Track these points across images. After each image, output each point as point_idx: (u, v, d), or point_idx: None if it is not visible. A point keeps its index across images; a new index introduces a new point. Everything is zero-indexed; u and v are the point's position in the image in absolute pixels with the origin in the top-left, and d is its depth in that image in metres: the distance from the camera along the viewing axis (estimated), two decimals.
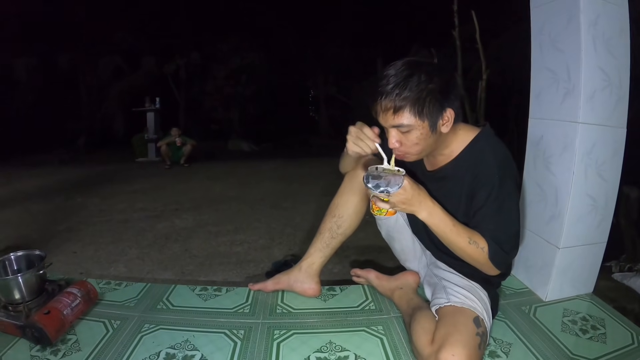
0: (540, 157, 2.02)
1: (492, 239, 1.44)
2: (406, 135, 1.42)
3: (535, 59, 2.06)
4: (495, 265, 1.45)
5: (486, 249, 1.43)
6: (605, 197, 1.92)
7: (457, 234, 1.44)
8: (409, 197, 1.37)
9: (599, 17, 1.74)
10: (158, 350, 1.57)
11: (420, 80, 1.35)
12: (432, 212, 1.43)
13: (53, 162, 8.55)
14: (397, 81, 1.36)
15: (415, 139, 1.42)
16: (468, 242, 1.44)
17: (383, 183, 1.35)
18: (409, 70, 1.36)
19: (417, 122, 1.38)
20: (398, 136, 1.43)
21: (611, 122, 1.84)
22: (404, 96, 1.35)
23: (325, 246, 1.92)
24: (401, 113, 1.37)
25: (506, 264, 1.50)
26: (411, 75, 1.35)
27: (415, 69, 1.36)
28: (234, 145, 11.89)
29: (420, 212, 1.42)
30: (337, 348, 1.60)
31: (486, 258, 1.44)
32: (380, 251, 2.84)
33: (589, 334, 1.72)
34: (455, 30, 4.17)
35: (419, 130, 1.40)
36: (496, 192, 1.45)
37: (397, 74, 1.37)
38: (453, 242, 1.46)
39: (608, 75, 1.79)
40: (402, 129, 1.41)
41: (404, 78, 1.35)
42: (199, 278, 2.68)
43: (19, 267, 1.84)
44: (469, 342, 1.34)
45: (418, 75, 1.35)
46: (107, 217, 4.07)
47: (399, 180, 1.35)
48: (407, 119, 1.38)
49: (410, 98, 1.35)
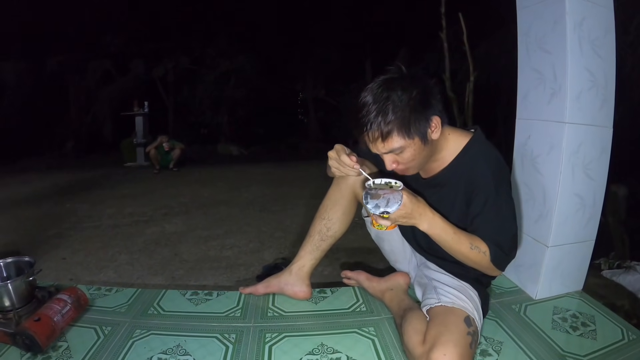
0: (527, 157, 2.03)
1: (493, 243, 1.45)
2: (401, 155, 1.43)
3: (522, 60, 2.08)
4: (497, 267, 1.48)
5: (488, 253, 1.45)
6: (593, 196, 1.94)
7: (458, 241, 1.45)
8: (409, 212, 1.37)
9: (585, 18, 1.76)
10: (150, 356, 1.56)
11: (400, 98, 1.35)
12: (432, 222, 1.43)
13: (41, 168, 8.47)
14: (377, 108, 1.35)
15: (410, 156, 1.43)
16: (470, 247, 1.45)
17: (382, 203, 1.34)
18: (385, 93, 1.36)
19: (408, 141, 1.39)
20: (393, 158, 1.45)
21: (597, 122, 1.86)
22: (389, 121, 1.35)
23: (315, 249, 1.92)
24: (390, 138, 1.37)
25: (507, 264, 1.52)
26: (389, 98, 1.35)
27: (391, 90, 1.36)
28: (223, 149, 11.85)
29: (422, 224, 1.42)
30: (329, 350, 1.60)
31: (489, 261, 1.45)
32: (370, 253, 2.85)
33: (579, 330, 1.74)
34: (443, 32, 4.19)
35: (412, 148, 1.41)
36: (493, 198, 1.46)
37: (375, 99, 1.37)
38: (455, 250, 1.47)
39: (594, 75, 1.81)
40: (395, 152, 1.42)
41: (383, 102, 1.35)
42: (190, 282, 2.68)
43: (8, 274, 1.83)
44: (461, 342, 1.35)
45: (395, 94, 1.35)
46: (96, 223, 4.05)
47: (397, 197, 1.34)
48: (397, 142, 1.38)
49: (395, 121, 1.35)
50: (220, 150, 11.85)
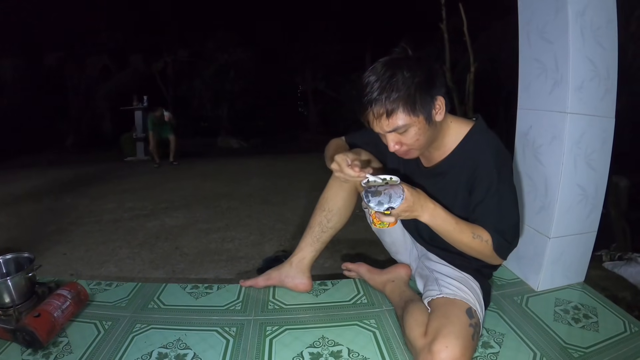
0: (529, 148, 2.02)
1: (495, 231, 1.44)
2: (404, 135, 1.41)
3: (523, 50, 2.06)
4: (500, 255, 1.47)
5: (490, 242, 1.44)
6: (594, 187, 1.93)
7: (460, 231, 1.44)
8: (411, 205, 1.36)
9: (587, 7, 1.74)
10: (150, 350, 1.55)
11: (405, 77, 1.34)
12: (434, 213, 1.42)
13: (41, 163, 8.48)
14: (382, 85, 1.34)
15: (414, 135, 1.42)
16: (472, 237, 1.44)
17: (385, 199, 1.33)
18: (390, 71, 1.35)
19: (413, 119, 1.37)
20: (397, 139, 1.43)
21: (599, 112, 1.84)
22: (394, 98, 1.33)
23: (316, 240, 1.91)
24: (395, 115, 1.36)
25: (509, 253, 1.51)
26: (394, 75, 1.34)
27: (396, 68, 1.35)
28: (223, 142, 11.87)
29: (423, 215, 1.41)
30: (330, 343, 1.60)
31: (491, 250, 1.45)
32: (371, 245, 2.85)
33: (581, 322, 1.73)
34: (443, 23, 4.17)
35: (416, 126, 1.39)
36: (495, 186, 1.45)
37: (380, 77, 1.35)
38: (457, 240, 1.46)
39: (596, 65, 1.79)
40: (399, 131, 1.40)
41: (388, 80, 1.34)
42: (190, 276, 2.67)
43: (8, 270, 1.81)
44: (462, 333, 1.34)
45: (400, 72, 1.34)
46: (96, 218, 4.05)
47: (398, 191, 1.33)
48: (402, 120, 1.37)
49: (400, 98, 1.34)
50: (220, 144, 11.87)
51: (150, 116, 7.89)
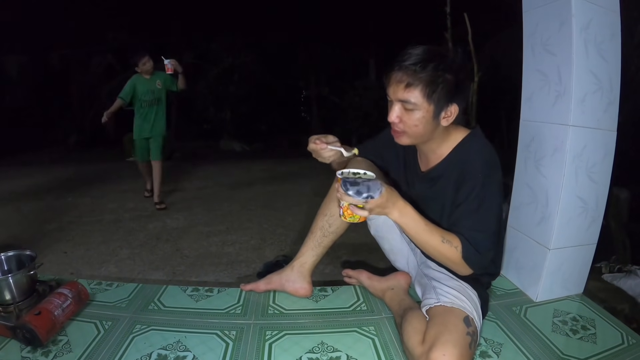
0: (531, 159, 2.03)
1: (468, 238, 1.45)
2: (409, 113, 1.44)
3: (527, 61, 2.07)
4: (469, 265, 1.47)
5: (460, 248, 1.45)
6: (595, 199, 1.94)
7: (429, 232, 1.46)
8: (385, 201, 1.40)
9: (591, 21, 1.76)
10: (150, 352, 1.56)
11: (439, 67, 1.38)
12: (403, 212, 1.45)
13: (44, 161, 8.48)
14: (417, 59, 1.39)
15: (416, 120, 1.44)
16: (441, 240, 1.45)
17: (364, 189, 1.36)
18: (431, 55, 1.40)
19: (424, 103, 1.41)
20: (400, 112, 1.46)
21: (602, 125, 1.85)
22: (420, 75, 1.38)
23: (317, 245, 1.92)
24: (412, 89, 1.40)
25: (481, 266, 1.50)
26: (432, 60, 1.39)
27: (440, 57, 1.40)
28: (226, 145, 11.86)
29: (392, 212, 1.44)
30: (329, 349, 1.61)
31: (460, 257, 1.45)
32: (371, 252, 2.85)
33: (579, 334, 1.74)
34: (448, 32, 4.19)
35: (422, 112, 1.43)
36: (478, 190, 1.47)
37: (420, 53, 1.40)
38: (425, 241, 1.48)
39: (599, 78, 1.81)
40: (407, 106, 1.43)
41: (424, 58, 1.39)
42: (191, 278, 2.68)
43: (9, 268, 1.83)
44: (460, 342, 1.35)
45: (441, 62, 1.39)
46: (97, 217, 4.06)
47: (377, 185, 1.37)
48: (415, 97, 1.40)
49: (424, 78, 1.38)
50: (223, 147, 11.86)
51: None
